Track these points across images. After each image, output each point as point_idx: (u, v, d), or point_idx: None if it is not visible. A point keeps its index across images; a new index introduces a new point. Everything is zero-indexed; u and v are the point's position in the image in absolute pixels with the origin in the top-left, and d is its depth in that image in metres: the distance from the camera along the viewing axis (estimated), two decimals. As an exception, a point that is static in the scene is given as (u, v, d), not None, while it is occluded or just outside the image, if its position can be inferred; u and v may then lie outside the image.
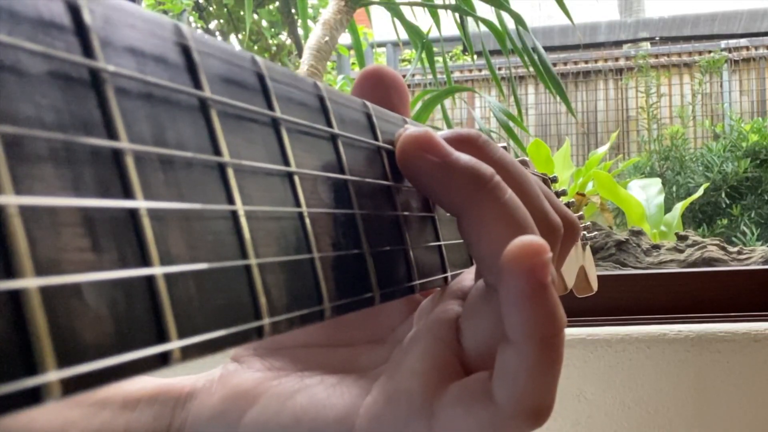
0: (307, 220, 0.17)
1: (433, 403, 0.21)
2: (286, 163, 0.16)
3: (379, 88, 0.26)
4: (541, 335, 0.19)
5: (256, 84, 0.16)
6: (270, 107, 0.16)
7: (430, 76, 1.61)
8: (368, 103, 0.22)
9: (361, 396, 0.23)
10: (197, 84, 0.14)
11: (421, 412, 0.21)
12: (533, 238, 0.19)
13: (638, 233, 1.15)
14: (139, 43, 0.13)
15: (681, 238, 1.13)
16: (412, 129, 0.22)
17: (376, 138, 0.21)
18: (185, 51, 0.14)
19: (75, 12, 0.11)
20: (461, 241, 0.25)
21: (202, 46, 0.14)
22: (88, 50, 0.11)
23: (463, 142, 0.23)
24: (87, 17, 0.11)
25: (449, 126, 1.76)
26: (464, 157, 0.21)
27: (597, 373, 0.85)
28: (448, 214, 0.23)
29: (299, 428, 0.23)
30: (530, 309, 0.19)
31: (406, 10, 1.68)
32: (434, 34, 1.68)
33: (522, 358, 0.19)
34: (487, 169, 0.22)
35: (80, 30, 0.11)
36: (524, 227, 0.21)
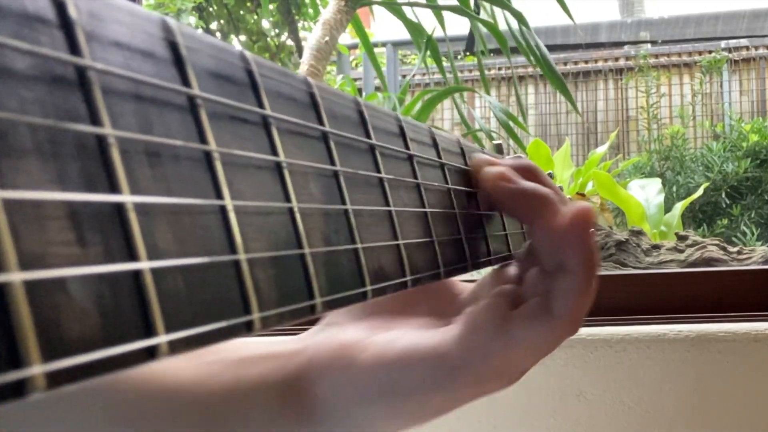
0: (298, 216, 0.17)
1: (505, 325, 0.29)
2: (276, 158, 0.16)
3: (530, 177, 0.34)
4: (589, 265, 0.28)
5: (246, 79, 0.16)
6: (259, 103, 0.16)
7: (428, 76, 1.61)
8: (360, 99, 0.22)
9: (446, 332, 0.30)
10: (185, 79, 0.14)
11: (498, 332, 0.29)
12: (584, 205, 0.29)
13: (638, 233, 1.15)
14: (125, 37, 0.13)
15: (681, 238, 1.13)
16: (494, 167, 0.32)
17: (367, 133, 0.22)
18: (173, 46, 0.14)
19: (60, 6, 0.11)
20: (454, 237, 0.28)
21: (189, 40, 0.14)
22: (73, 45, 0.11)
23: (525, 171, 0.32)
24: (72, 12, 0.11)
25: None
26: (530, 184, 0.31)
27: (597, 373, 0.85)
28: (430, 210, 0.26)
29: (407, 358, 0.29)
30: (585, 246, 0.28)
31: (407, 10, 1.68)
32: (438, 33, 1.67)
33: (576, 281, 0.28)
34: (547, 190, 0.31)
35: (66, 25, 0.11)
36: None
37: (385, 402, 0.30)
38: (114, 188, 0.12)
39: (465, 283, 0.37)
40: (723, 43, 3.35)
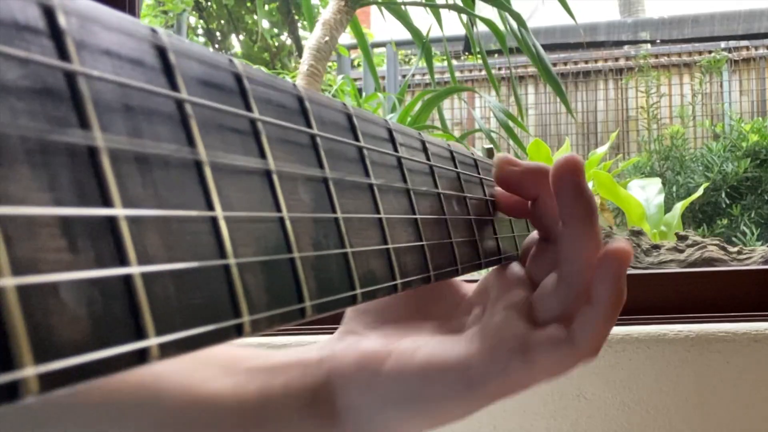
0: (287, 221, 0.17)
1: (524, 344, 0.30)
2: (265, 164, 0.17)
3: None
4: (618, 301, 0.29)
5: (235, 86, 0.16)
6: (249, 110, 0.16)
7: (428, 77, 1.61)
8: (348, 105, 0.22)
9: (467, 346, 0.31)
10: (174, 87, 0.14)
11: (518, 352, 0.29)
12: (624, 245, 0.29)
13: (638, 233, 1.15)
14: (115, 46, 0.13)
15: (681, 238, 1.13)
16: (568, 158, 0.31)
17: (357, 138, 0.22)
18: (162, 54, 0.14)
19: (50, 16, 0.12)
20: (444, 241, 0.28)
21: (178, 48, 0.14)
22: (63, 53, 0.12)
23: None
24: (62, 21, 0.12)
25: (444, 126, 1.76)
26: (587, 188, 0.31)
27: (597, 373, 0.85)
28: (428, 216, 0.26)
29: (430, 368, 0.31)
30: (618, 284, 0.29)
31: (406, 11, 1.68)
32: (437, 33, 1.67)
33: (601, 314, 0.29)
34: (590, 200, 0.30)
35: (55, 33, 0.12)
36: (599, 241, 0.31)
37: (406, 407, 0.31)
38: (104, 196, 0.12)
39: (469, 283, 0.38)
40: (723, 43, 3.35)
